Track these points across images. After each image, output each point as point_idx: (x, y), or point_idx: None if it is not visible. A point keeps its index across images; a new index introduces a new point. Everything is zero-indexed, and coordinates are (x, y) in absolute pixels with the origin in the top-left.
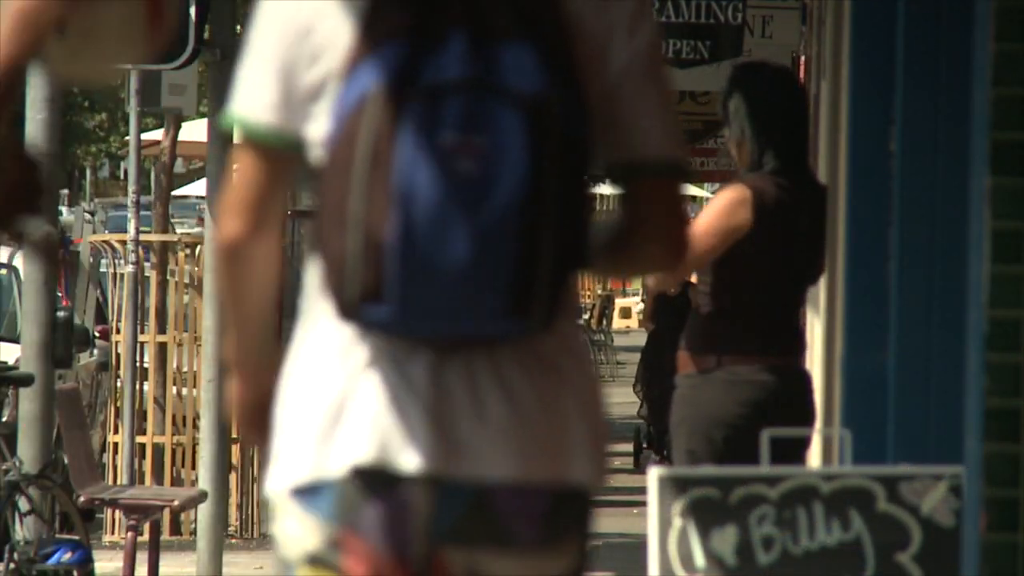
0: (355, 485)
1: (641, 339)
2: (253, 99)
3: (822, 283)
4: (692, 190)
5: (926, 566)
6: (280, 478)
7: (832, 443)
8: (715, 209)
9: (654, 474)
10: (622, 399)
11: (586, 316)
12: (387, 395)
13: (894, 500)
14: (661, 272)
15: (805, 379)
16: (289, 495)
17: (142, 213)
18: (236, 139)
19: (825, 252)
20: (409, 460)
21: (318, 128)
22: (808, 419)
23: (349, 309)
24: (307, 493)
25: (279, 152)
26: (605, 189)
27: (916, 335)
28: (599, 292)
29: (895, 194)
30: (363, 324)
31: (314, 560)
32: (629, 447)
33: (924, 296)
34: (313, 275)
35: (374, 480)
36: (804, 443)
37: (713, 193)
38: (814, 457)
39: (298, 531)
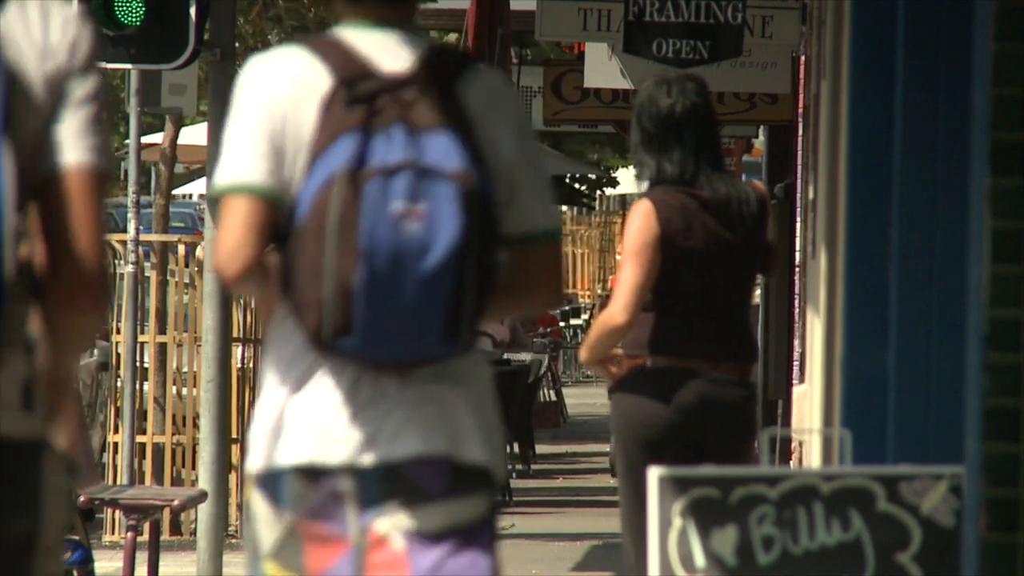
0: (298, 478)
1: None
2: (247, 168)
3: (822, 283)
4: None
5: (926, 566)
6: (249, 463)
7: (832, 443)
8: (628, 234)
9: (654, 474)
10: None
11: (586, 316)
12: (317, 403)
13: (894, 500)
14: (543, 310)
15: (738, 389)
16: (255, 479)
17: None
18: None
19: (768, 250)
20: (334, 454)
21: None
22: (742, 429)
23: (325, 343)
24: (266, 479)
25: (270, 206)
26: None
27: (916, 335)
28: (599, 293)
29: (895, 194)
30: (335, 353)
31: (273, 553)
32: None
33: (924, 296)
34: (279, 312)
35: (311, 473)
36: (748, 453)
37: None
38: (814, 457)
39: (263, 515)
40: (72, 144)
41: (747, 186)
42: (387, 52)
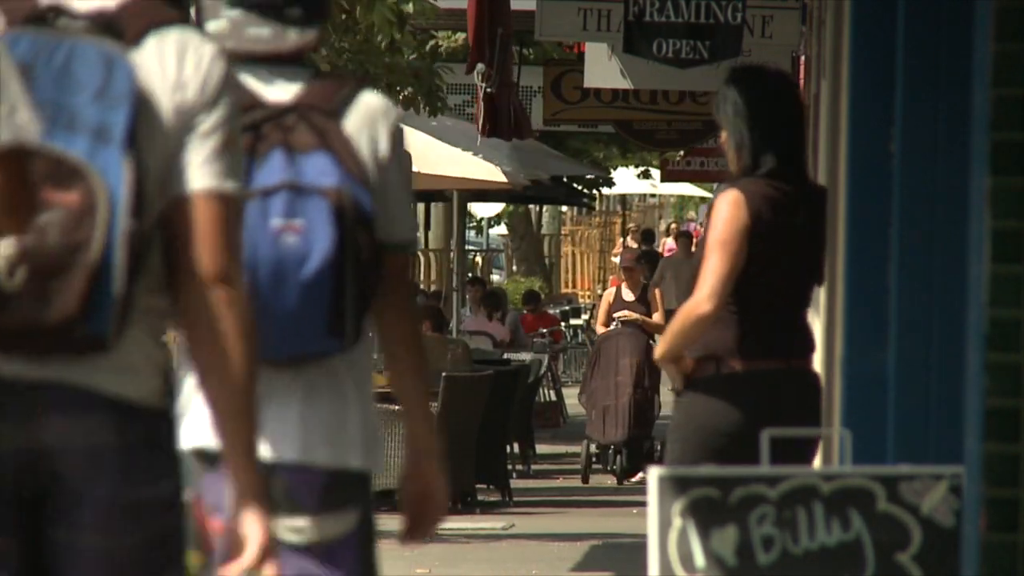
0: (195, 460)
1: None
2: None
3: None
4: (694, 190)
5: (926, 566)
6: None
7: (832, 443)
8: (716, 222)
9: (654, 474)
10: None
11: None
12: None
13: (894, 500)
14: (396, 316)
15: (809, 380)
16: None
17: None
18: None
19: (825, 254)
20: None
21: None
22: (813, 421)
23: None
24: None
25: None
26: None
27: (916, 335)
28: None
29: (895, 194)
30: None
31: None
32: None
33: (924, 296)
34: None
35: (206, 457)
36: (811, 445)
37: (715, 193)
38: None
39: None
40: (198, 171)
41: (821, 187)
42: (273, 84)
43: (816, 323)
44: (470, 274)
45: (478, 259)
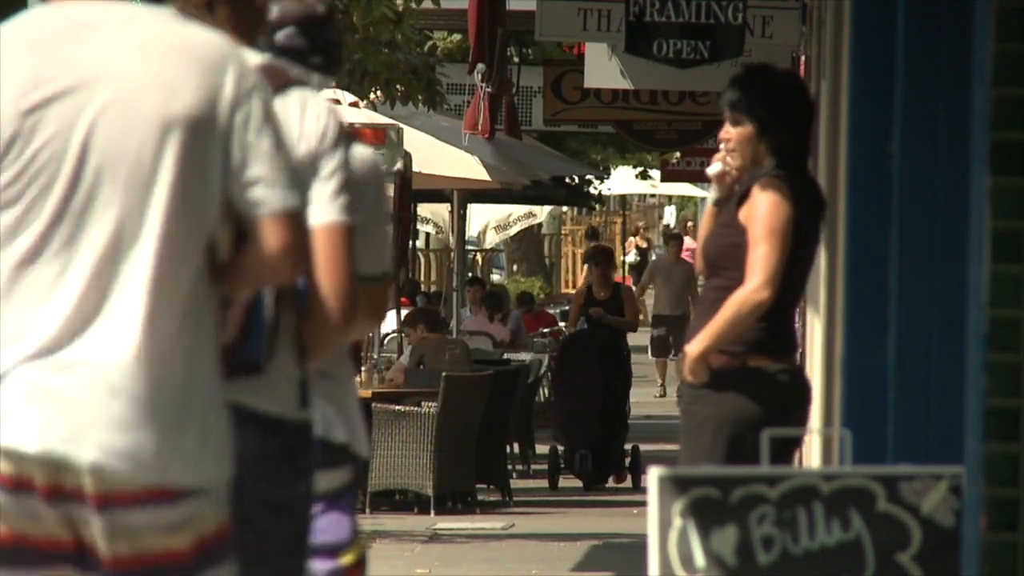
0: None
1: (643, 339)
2: None
3: (822, 283)
4: (694, 190)
5: (926, 566)
6: None
7: (832, 443)
8: (765, 212)
9: (654, 474)
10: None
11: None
12: None
13: (894, 500)
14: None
15: (806, 378)
16: None
17: None
18: None
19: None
20: None
21: None
22: (807, 418)
23: None
24: None
25: None
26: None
27: (916, 335)
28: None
29: (895, 194)
30: None
31: None
32: (649, 446)
33: (924, 296)
34: None
35: None
36: (798, 441)
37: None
38: (814, 457)
39: None
40: (323, 207)
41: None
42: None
43: (816, 323)
44: (470, 274)
45: (478, 259)
